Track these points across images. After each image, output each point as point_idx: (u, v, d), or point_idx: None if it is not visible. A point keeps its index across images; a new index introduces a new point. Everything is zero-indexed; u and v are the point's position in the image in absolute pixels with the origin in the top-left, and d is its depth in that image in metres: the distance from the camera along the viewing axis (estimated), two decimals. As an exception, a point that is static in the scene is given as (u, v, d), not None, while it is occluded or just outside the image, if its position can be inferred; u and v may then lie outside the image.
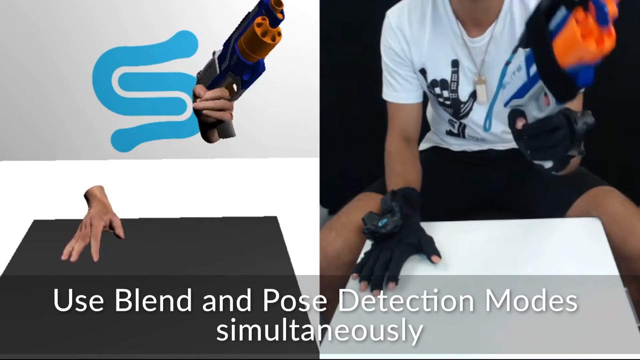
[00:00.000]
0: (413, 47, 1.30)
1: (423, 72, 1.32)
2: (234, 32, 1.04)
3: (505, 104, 0.98)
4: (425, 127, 1.47)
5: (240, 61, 1.01)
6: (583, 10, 0.82)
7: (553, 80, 0.85)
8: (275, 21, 0.98)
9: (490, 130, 1.10)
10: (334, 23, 1.86)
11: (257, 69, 1.03)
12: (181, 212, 1.45)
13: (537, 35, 0.86)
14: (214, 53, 1.08)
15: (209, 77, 1.08)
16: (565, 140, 0.91)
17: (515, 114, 0.96)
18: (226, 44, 1.05)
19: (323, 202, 1.68)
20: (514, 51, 0.93)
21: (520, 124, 0.95)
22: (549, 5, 0.86)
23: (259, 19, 0.98)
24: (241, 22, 1.02)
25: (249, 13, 1.01)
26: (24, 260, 1.24)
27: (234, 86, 1.06)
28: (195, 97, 1.06)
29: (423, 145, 1.49)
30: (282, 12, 0.99)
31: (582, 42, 0.80)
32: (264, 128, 2.37)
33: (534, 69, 0.88)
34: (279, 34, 1.00)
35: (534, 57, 0.88)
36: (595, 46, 0.81)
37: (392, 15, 1.32)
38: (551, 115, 0.91)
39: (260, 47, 0.99)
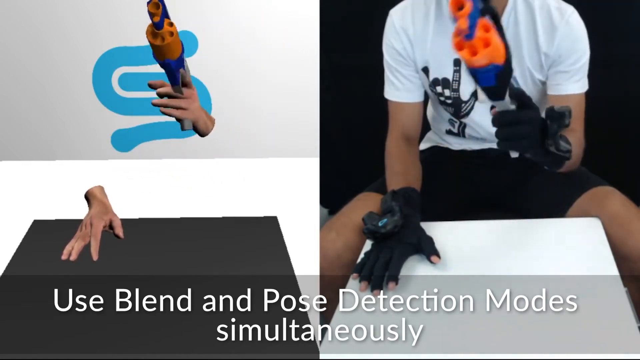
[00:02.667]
0: (416, 46, 1.30)
1: (425, 70, 1.32)
2: None
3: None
4: (425, 127, 1.47)
5: (158, 62, 1.09)
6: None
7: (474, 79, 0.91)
8: (156, 24, 1.04)
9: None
10: (334, 23, 1.86)
11: (168, 66, 1.10)
12: (181, 212, 1.45)
13: None
14: None
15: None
16: (531, 136, 0.95)
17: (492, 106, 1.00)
18: None
19: (323, 202, 1.68)
20: None
21: (494, 111, 0.99)
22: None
23: (149, 24, 1.06)
24: None
25: None
26: (24, 260, 1.24)
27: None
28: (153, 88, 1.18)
29: (423, 145, 1.49)
30: (162, 15, 1.05)
31: (459, 53, 0.86)
32: (264, 128, 2.37)
33: None
34: (172, 34, 1.06)
35: None
36: (468, 55, 0.85)
37: (396, 15, 1.32)
38: (521, 109, 0.95)
39: (157, 49, 1.06)
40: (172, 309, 1.09)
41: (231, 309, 1.09)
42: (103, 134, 2.37)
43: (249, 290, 1.15)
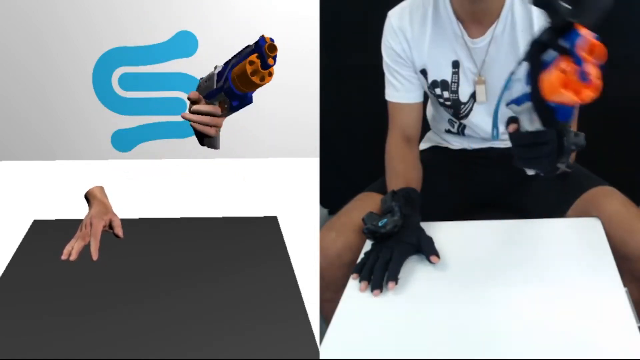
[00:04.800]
0: (414, 47, 1.30)
1: (424, 72, 1.32)
2: (233, 56, 1.07)
3: (507, 104, 1.00)
4: (425, 127, 1.47)
5: (231, 89, 1.06)
6: (571, 60, 0.87)
7: (538, 109, 0.93)
8: (266, 65, 1.01)
9: (498, 138, 1.10)
10: (334, 23, 1.86)
11: (245, 100, 1.09)
12: (181, 212, 1.45)
13: (532, 64, 0.93)
14: (215, 67, 1.13)
15: (206, 88, 1.13)
16: (551, 155, 0.95)
17: (510, 119, 1.00)
18: (226, 64, 1.09)
19: (323, 202, 1.68)
20: (519, 62, 0.97)
21: (511, 128, 0.99)
22: (546, 38, 0.91)
23: (252, 57, 1.01)
24: (242, 49, 1.06)
25: (249, 45, 1.04)
26: (24, 260, 1.24)
27: (225, 105, 1.11)
28: (190, 101, 1.13)
29: (423, 145, 1.49)
30: (274, 58, 1.02)
31: (561, 91, 0.87)
32: (264, 128, 2.37)
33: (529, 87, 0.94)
34: (270, 74, 1.04)
35: (529, 80, 0.93)
36: (573, 96, 0.87)
37: (394, 16, 1.32)
38: (540, 129, 0.95)
39: (249, 84, 1.03)
40: (172, 309, 1.09)
41: (231, 309, 1.09)
42: (103, 134, 2.37)
43: (249, 290, 1.15)
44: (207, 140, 1.16)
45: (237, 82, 1.05)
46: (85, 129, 2.36)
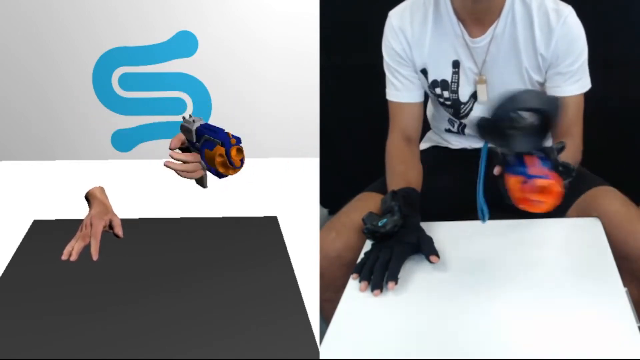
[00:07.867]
0: (414, 47, 1.30)
1: (424, 72, 1.32)
2: (207, 128, 1.12)
3: None
4: (425, 127, 1.47)
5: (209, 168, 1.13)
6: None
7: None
8: (232, 164, 1.08)
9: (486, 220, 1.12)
10: (334, 23, 1.86)
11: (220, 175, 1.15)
12: (181, 212, 1.45)
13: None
14: (187, 117, 1.17)
15: (187, 135, 1.17)
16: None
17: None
18: (202, 127, 1.14)
19: (323, 202, 1.68)
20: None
21: (497, 171, 1.11)
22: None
23: (221, 150, 1.07)
24: (211, 128, 1.12)
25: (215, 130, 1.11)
26: (24, 260, 1.24)
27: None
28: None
29: (423, 145, 1.49)
30: (242, 160, 1.08)
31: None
32: (264, 128, 2.37)
33: None
34: (240, 163, 1.09)
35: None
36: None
37: (394, 16, 1.32)
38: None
39: (218, 172, 1.11)
40: (172, 309, 1.09)
41: (231, 309, 1.09)
42: (103, 134, 2.37)
43: (249, 290, 1.15)
44: (197, 180, 1.23)
45: (209, 164, 1.12)
46: (85, 129, 2.36)
